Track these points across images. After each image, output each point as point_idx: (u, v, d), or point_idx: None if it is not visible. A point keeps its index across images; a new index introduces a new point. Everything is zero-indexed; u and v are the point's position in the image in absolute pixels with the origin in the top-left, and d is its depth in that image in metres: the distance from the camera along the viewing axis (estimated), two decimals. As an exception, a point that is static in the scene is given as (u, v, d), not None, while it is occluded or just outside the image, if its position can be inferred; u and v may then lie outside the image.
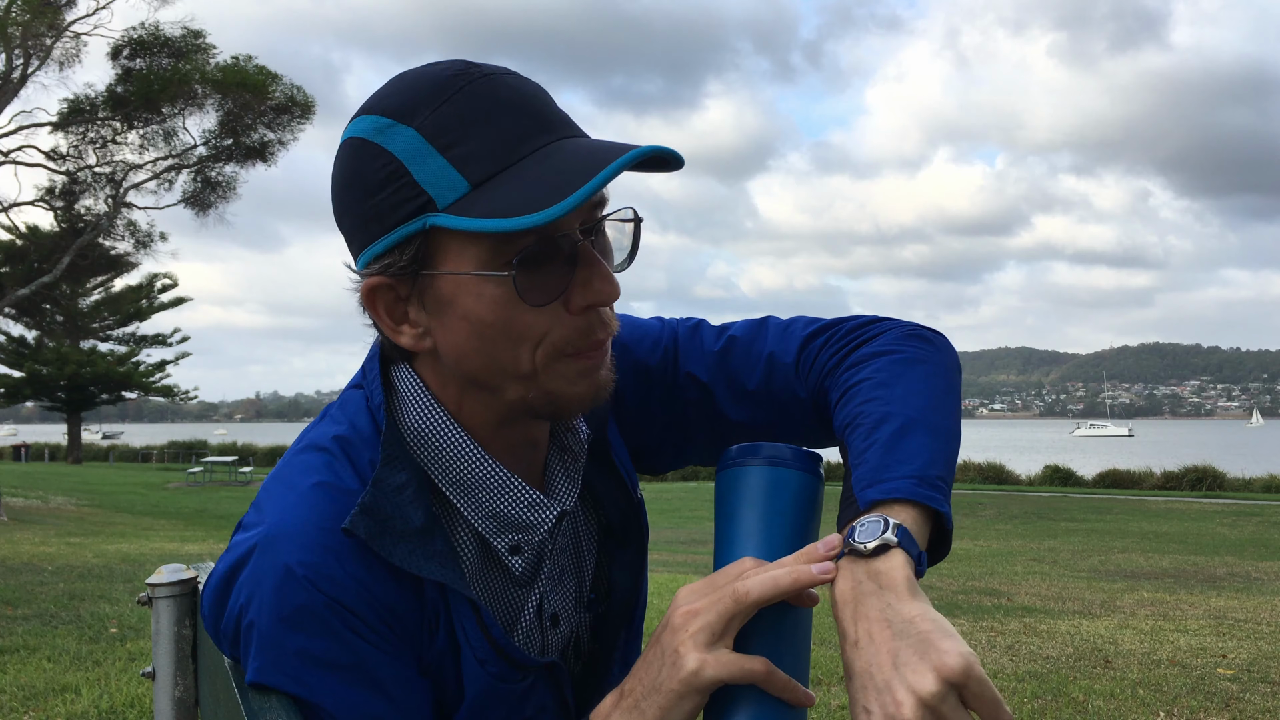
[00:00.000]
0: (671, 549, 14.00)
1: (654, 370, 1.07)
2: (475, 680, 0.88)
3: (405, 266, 0.81)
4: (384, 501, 0.82)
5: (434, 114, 0.79)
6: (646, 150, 0.76)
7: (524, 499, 0.89)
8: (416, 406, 0.89)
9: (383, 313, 0.85)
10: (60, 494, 24.08)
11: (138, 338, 48.58)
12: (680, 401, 1.07)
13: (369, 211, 0.81)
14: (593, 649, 1.03)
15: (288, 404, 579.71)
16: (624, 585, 1.03)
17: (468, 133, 0.78)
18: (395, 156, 0.79)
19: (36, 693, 4.29)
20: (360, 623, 0.81)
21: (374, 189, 0.80)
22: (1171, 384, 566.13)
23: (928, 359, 0.97)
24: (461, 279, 0.80)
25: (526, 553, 0.91)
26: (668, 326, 1.10)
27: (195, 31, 21.14)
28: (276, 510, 0.83)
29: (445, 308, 0.82)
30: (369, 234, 0.82)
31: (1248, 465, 34.11)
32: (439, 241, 0.80)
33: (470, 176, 0.77)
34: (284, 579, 0.79)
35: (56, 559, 9.35)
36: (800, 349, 1.03)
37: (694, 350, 1.07)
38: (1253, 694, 4.85)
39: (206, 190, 22.84)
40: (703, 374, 1.05)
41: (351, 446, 0.87)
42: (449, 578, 0.84)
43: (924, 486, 0.82)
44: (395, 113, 0.80)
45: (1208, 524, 19.43)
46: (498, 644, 0.88)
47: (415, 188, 0.78)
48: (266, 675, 0.81)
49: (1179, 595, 9.38)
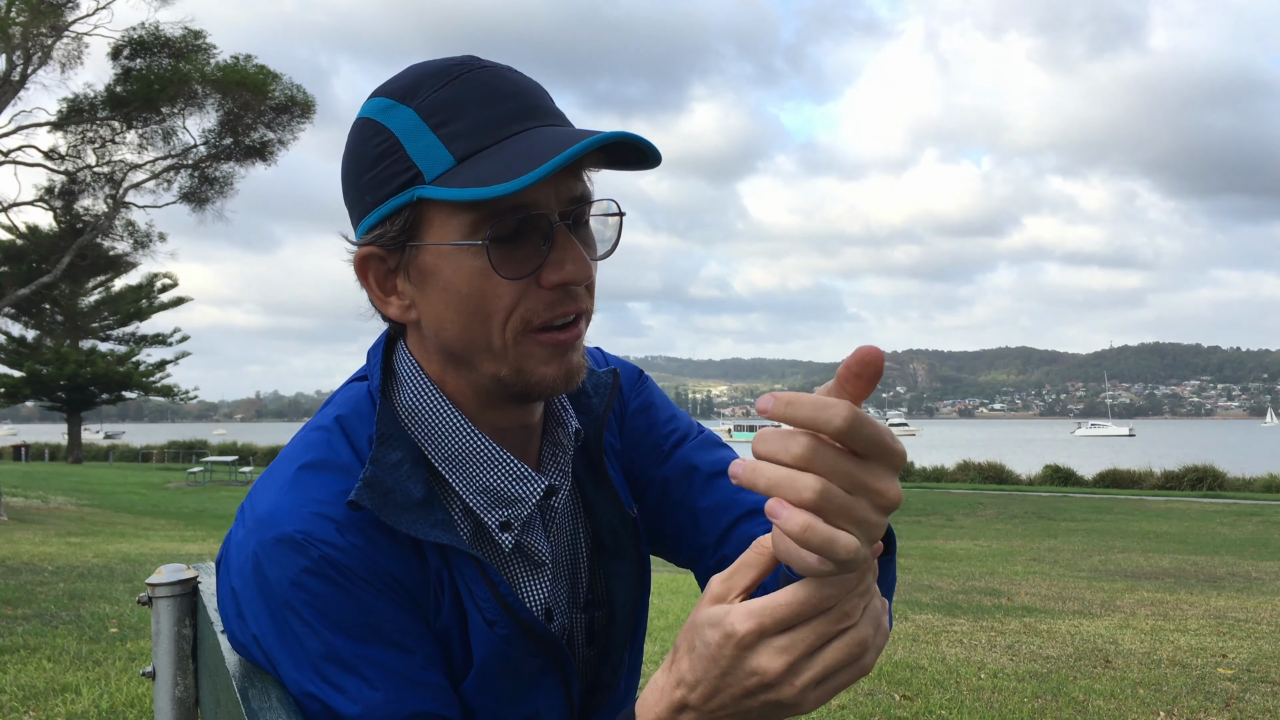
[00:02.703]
0: (671, 549, 13.99)
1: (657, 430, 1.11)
2: (483, 643, 0.89)
3: (394, 237, 0.86)
4: (384, 476, 0.85)
5: (432, 96, 0.84)
6: (615, 135, 0.80)
7: (512, 472, 0.92)
8: (412, 386, 0.93)
9: (373, 282, 0.90)
10: (60, 494, 24.07)
11: (138, 338, 48.59)
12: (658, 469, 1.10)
13: (366, 184, 0.87)
14: (589, 655, 1.04)
15: (288, 404, 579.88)
16: (623, 599, 1.03)
17: (460, 113, 0.83)
18: (393, 133, 0.85)
19: (37, 692, 4.29)
20: (365, 584, 0.83)
21: (371, 163, 0.86)
22: (1172, 384, 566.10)
23: None
24: (443, 250, 0.84)
25: (516, 529, 0.93)
26: (694, 422, 1.16)
27: (195, 31, 21.14)
28: (274, 490, 0.87)
29: (428, 279, 0.86)
30: (364, 206, 0.88)
31: (1255, 465, 34.09)
32: (425, 214, 0.85)
33: (456, 152, 0.82)
34: (285, 545, 0.82)
35: (57, 559, 9.35)
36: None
37: (705, 449, 1.11)
38: (1253, 694, 4.85)
39: (204, 187, 22.84)
40: (701, 464, 1.09)
41: (350, 425, 0.91)
42: (453, 539, 0.87)
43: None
44: (398, 94, 0.86)
45: (1208, 524, 19.42)
46: (505, 600, 0.89)
47: (407, 161, 0.84)
48: (274, 644, 0.82)
49: (1179, 595, 9.38)
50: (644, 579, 1.07)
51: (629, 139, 0.82)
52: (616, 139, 0.81)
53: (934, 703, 4.63)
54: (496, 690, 0.90)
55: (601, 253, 0.91)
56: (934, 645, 6.14)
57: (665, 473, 1.09)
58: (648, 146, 0.83)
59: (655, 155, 0.84)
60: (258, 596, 0.82)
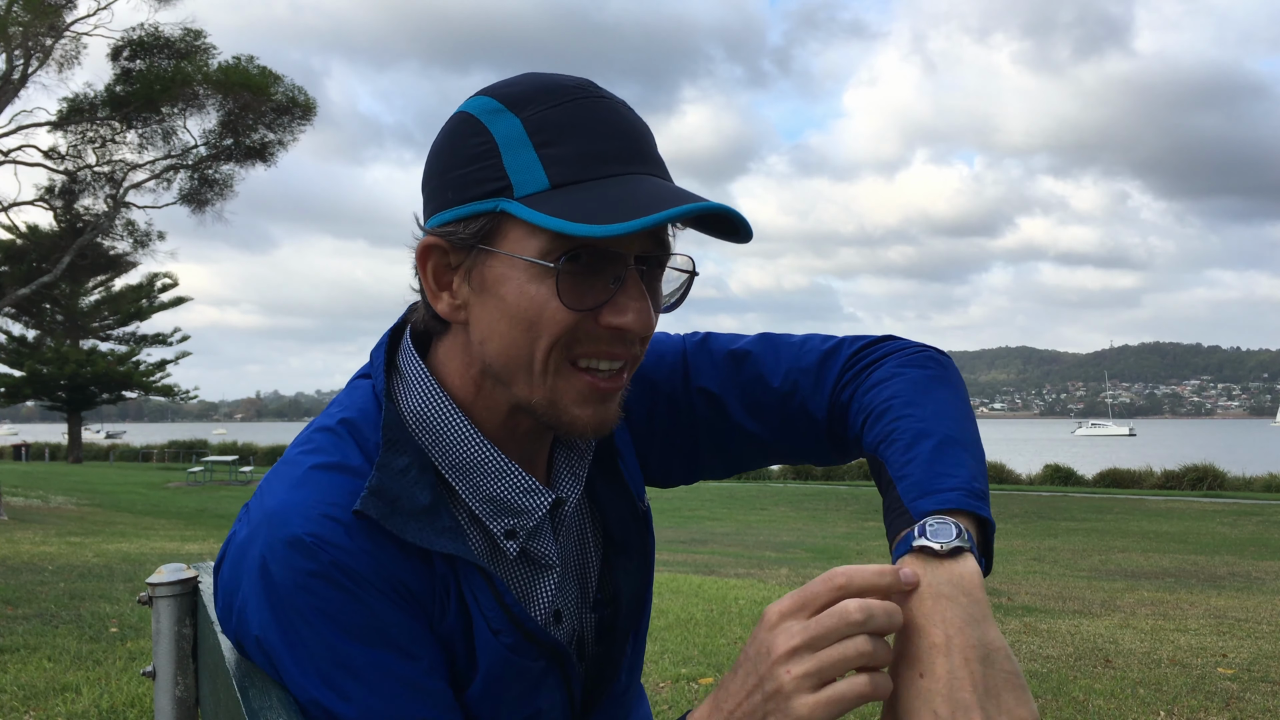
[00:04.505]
0: (672, 549, 13.99)
1: (660, 384, 1.09)
2: (489, 652, 0.88)
3: (466, 238, 0.85)
4: (390, 483, 0.85)
5: (542, 112, 0.83)
6: (714, 206, 0.80)
7: (519, 484, 0.91)
8: (419, 391, 0.91)
9: (429, 273, 0.89)
10: (60, 493, 24.07)
11: (138, 337, 48.59)
12: (689, 416, 1.08)
13: (452, 180, 0.86)
14: (597, 651, 1.04)
15: (288, 403, 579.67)
16: (629, 593, 1.03)
17: (565, 138, 0.82)
18: (493, 138, 0.84)
19: (37, 692, 4.29)
20: (372, 589, 0.82)
21: (465, 161, 0.85)
22: (1172, 383, 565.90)
23: (946, 380, 1.00)
24: (514, 263, 0.83)
25: (521, 538, 0.92)
26: (673, 341, 1.12)
27: (195, 32, 21.14)
28: (282, 490, 0.86)
29: (488, 287, 0.85)
30: (445, 200, 0.87)
31: (1255, 465, 34.07)
32: (502, 227, 0.84)
33: (553, 177, 0.81)
34: (293, 547, 0.81)
35: (57, 558, 9.34)
36: (819, 365, 1.06)
37: (704, 364, 1.09)
38: (1253, 693, 4.85)
39: (204, 188, 22.83)
40: (714, 387, 1.07)
41: (357, 428, 0.90)
42: (460, 549, 0.86)
43: (972, 498, 0.84)
44: (509, 100, 0.85)
45: (1208, 523, 19.41)
46: (511, 611, 0.89)
47: (500, 171, 0.83)
48: (277, 643, 0.81)
49: (1179, 595, 9.38)
50: (648, 572, 1.07)
51: (725, 212, 0.81)
52: (713, 211, 0.81)
53: (934, 702, 4.62)
54: (500, 695, 0.90)
55: (666, 305, 0.90)
56: (934, 645, 6.13)
57: (696, 414, 1.08)
58: (741, 222, 0.83)
59: (747, 231, 0.84)
60: (264, 598, 0.82)
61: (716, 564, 11.85)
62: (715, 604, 7.33)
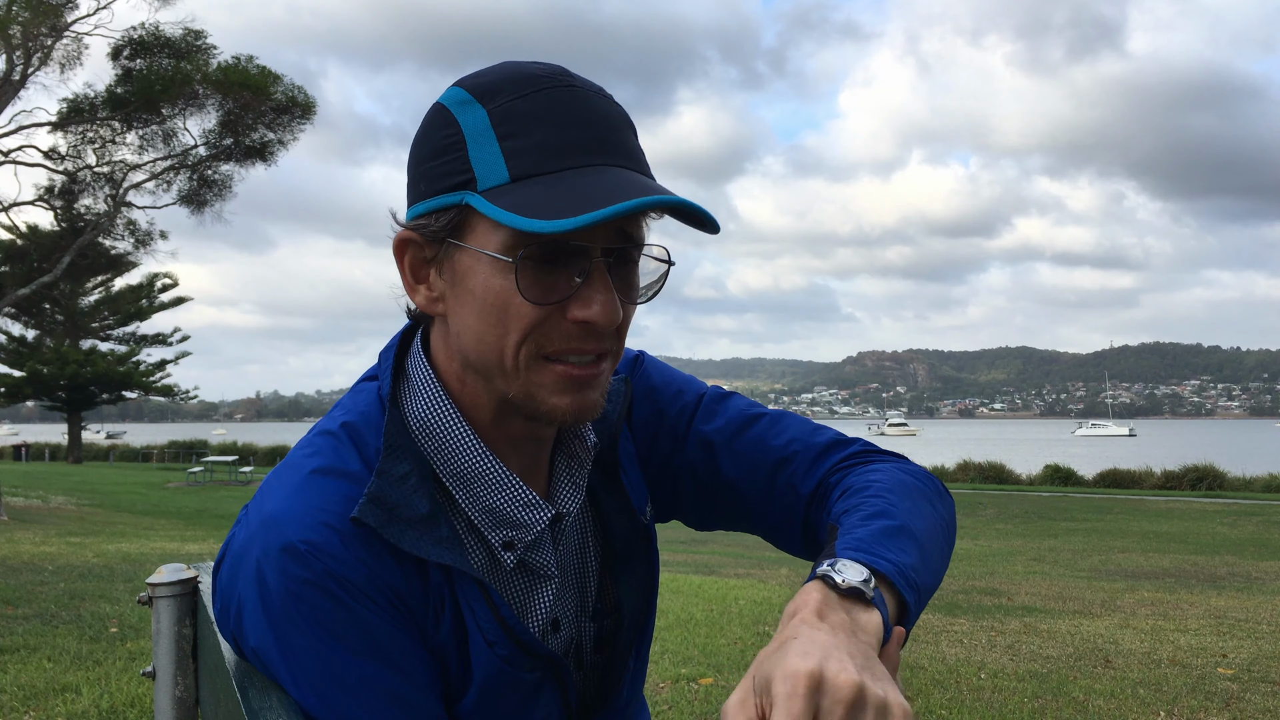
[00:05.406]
0: (672, 548, 14.00)
1: (668, 417, 1.09)
2: (484, 664, 0.88)
3: (436, 231, 0.85)
4: (389, 490, 0.84)
5: (509, 103, 0.82)
6: (671, 200, 0.78)
7: (520, 498, 0.90)
8: (424, 396, 0.91)
9: (406, 266, 0.89)
10: (60, 493, 24.06)
11: (138, 337, 48.58)
12: (681, 455, 1.09)
13: (424, 172, 0.86)
14: (595, 661, 1.03)
15: (288, 404, 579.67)
16: (631, 605, 1.03)
17: (529, 129, 0.81)
18: (461, 130, 0.83)
19: (37, 692, 4.29)
20: (366, 599, 0.82)
21: (434, 153, 0.85)
22: (1172, 384, 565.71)
23: (938, 502, 1.00)
24: (478, 257, 0.83)
25: (519, 550, 0.92)
26: (698, 386, 1.13)
27: (195, 32, 21.12)
28: (280, 495, 0.85)
29: (460, 280, 0.85)
30: (419, 192, 0.87)
31: (1255, 465, 34.05)
32: (470, 220, 0.84)
33: (513, 169, 0.81)
34: (288, 555, 0.81)
35: (57, 558, 9.34)
36: (825, 447, 1.06)
37: (715, 414, 1.09)
38: (1253, 694, 4.85)
39: (203, 189, 22.82)
40: (714, 436, 1.07)
41: (359, 433, 0.89)
42: (457, 560, 0.86)
43: (903, 576, 0.82)
44: (478, 91, 0.85)
45: (1208, 524, 19.41)
46: (507, 624, 0.88)
47: (465, 164, 0.83)
48: (271, 652, 0.81)
49: (1179, 595, 9.38)
50: (652, 584, 1.06)
51: (685, 206, 0.80)
52: (671, 204, 0.79)
53: (934, 703, 4.63)
54: (495, 706, 0.90)
55: (641, 297, 0.88)
56: (934, 645, 6.14)
57: (689, 456, 1.08)
58: (705, 216, 0.82)
59: (713, 224, 0.83)
60: (259, 604, 0.81)
61: (716, 564, 11.85)
62: (715, 604, 7.33)
